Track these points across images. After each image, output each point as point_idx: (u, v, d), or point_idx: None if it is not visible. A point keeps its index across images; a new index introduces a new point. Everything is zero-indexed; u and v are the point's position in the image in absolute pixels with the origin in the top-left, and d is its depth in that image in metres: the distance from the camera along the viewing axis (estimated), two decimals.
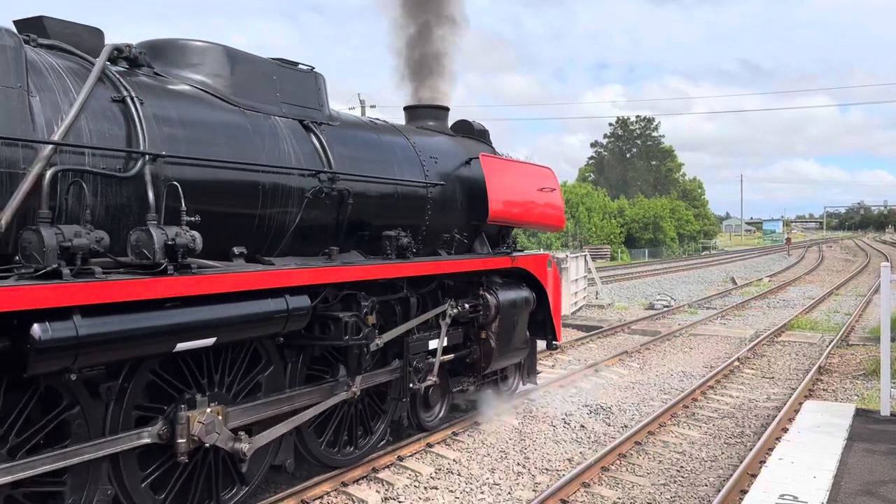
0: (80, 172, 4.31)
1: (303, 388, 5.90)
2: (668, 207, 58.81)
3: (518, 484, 6.72)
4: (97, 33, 5.15)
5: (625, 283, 28.91)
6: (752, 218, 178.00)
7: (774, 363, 12.68)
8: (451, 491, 6.46)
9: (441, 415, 7.97)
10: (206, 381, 5.07)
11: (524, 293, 8.48)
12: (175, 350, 4.55)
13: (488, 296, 7.92)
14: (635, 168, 67.81)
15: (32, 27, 4.78)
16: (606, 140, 71.48)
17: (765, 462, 6.39)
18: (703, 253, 60.07)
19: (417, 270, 6.86)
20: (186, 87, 5.46)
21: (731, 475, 6.63)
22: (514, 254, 8.54)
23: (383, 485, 6.50)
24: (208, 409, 4.88)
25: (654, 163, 64.02)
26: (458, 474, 6.85)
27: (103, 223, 4.39)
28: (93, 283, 3.96)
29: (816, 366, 11.78)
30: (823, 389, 10.61)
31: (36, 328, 3.72)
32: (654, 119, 65.33)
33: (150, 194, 4.60)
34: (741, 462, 7.01)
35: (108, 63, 4.87)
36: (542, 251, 12.53)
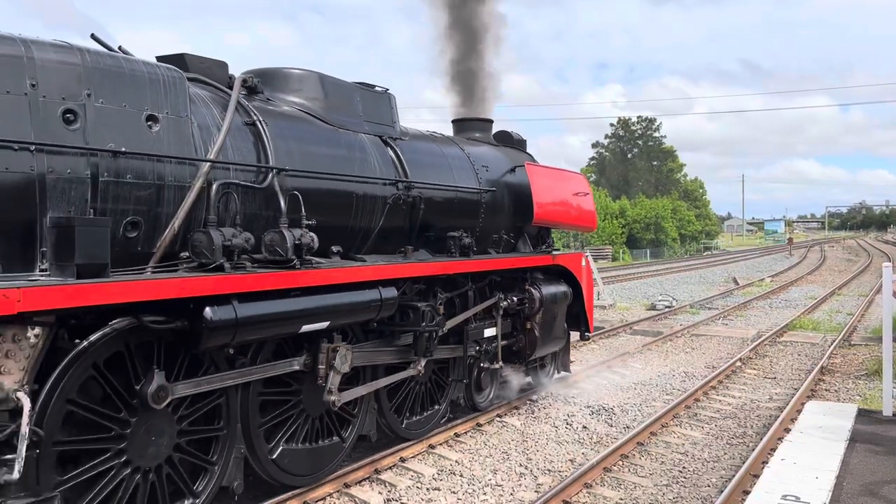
0: (230, 185, 5.23)
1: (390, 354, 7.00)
2: (670, 208, 58.78)
3: (520, 485, 6.73)
4: (223, 66, 6.08)
5: (626, 283, 28.90)
6: (753, 218, 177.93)
7: (776, 363, 12.68)
8: (454, 492, 6.48)
9: (491, 396, 8.87)
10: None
11: (563, 288, 9.44)
12: (300, 331, 5.46)
13: (533, 290, 8.79)
14: (636, 168, 67.79)
15: (176, 62, 5.48)
16: (608, 140, 71.46)
17: (767, 462, 6.39)
18: (705, 253, 60.05)
19: (478, 266, 7.91)
20: (292, 110, 6.34)
21: (734, 476, 6.64)
22: (554, 252, 9.47)
23: (385, 486, 6.52)
24: (342, 346, 6.02)
25: (655, 163, 64.03)
26: (461, 475, 6.86)
27: (241, 226, 5.26)
28: (247, 275, 4.92)
29: (818, 366, 11.77)
30: (826, 390, 10.60)
31: (208, 310, 4.63)
32: (655, 119, 65.28)
33: (282, 202, 5.50)
34: (743, 462, 7.01)
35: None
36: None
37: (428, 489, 6.52)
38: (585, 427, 8.53)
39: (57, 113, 4.26)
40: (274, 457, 5.76)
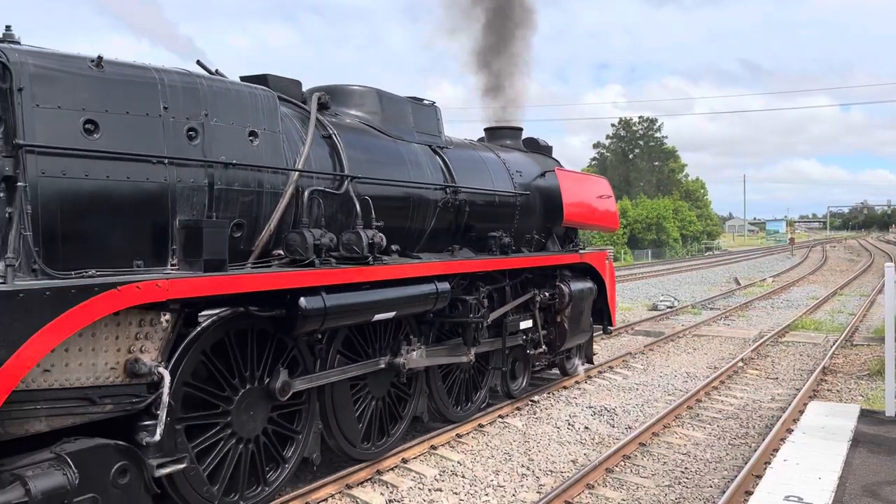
0: (315, 191, 6.00)
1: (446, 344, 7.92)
2: (671, 208, 58.77)
3: (522, 486, 6.73)
4: (298, 84, 6.86)
5: (628, 283, 28.90)
6: (755, 218, 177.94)
7: (778, 364, 12.68)
8: (456, 493, 6.48)
9: (523, 385, 9.63)
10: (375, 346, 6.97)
11: (589, 284, 10.25)
12: (372, 320, 6.29)
13: (562, 286, 9.55)
14: (638, 169, 67.76)
15: (259, 81, 6.22)
16: (609, 141, 71.47)
17: (769, 463, 6.39)
18: (707, 253, 60.03)
19: (518, 264, 8.74)
20: (356, 122, 7.11)
21: (736, 476, 6.65)
22: (581, 251, 10.31)
23: (388, 487, 6.53)
24: (417, 349, 7.11)
25: (656, 163, 63.98)
26: (463, 476, 6.87)
27: (323, 227, 6.04)
28: (333, 270, 5.75)
29: (821, 366, 11.78)
30: (828, 390, 10.60)
31: (302, 300, 5.39)
32: (656, 120, 65.24)
33: (357, 206, 6.29)
34: (746, 463, 7.03)
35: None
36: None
37: (430, 490, 6.53)
38: (587, 428, 8.54)
39: (182, 131, 5.04)
40: (344, 433, 6.54)
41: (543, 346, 9.45)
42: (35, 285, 3.93)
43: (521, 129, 10.83)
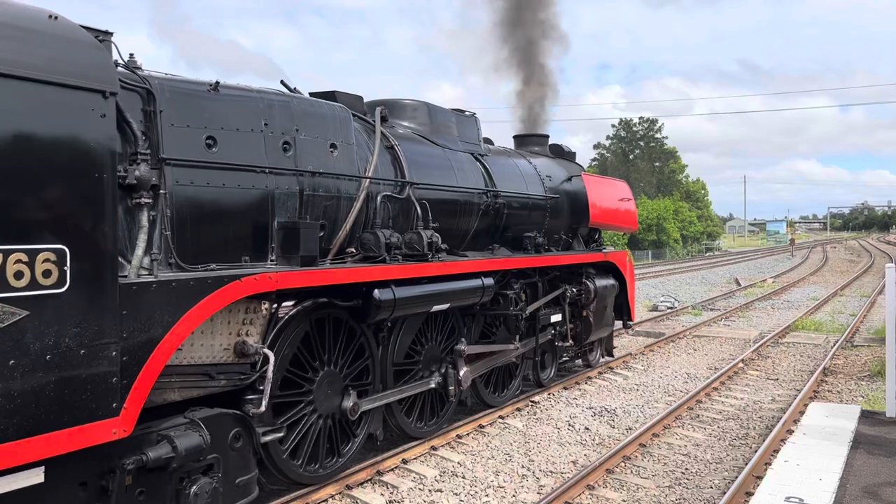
0: (385, 196, 6.90)
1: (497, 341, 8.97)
2: (672, 209, 58.77)
3: (522, 487, 6.74)
4: (360, 99, 7.63)
5: None
6: (755, 219, 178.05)
7: (779, 364, 12.70)
8: (456, 493, 6.49)
9: (551, 374, 10.46)
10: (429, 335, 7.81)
11: (612, 281, 11.05)
12: (431, 310, 7.17)
13: (588, 283, 10.38)
14: (638, 169, 67.75)
15: (328, 97, 6.99)
16: (609, 142, 71.47)
17: (770, 464, 6.39)
18: (707, 254, 60.02)
19: (552, 262, 9.64)
20: (410, 133, 7.96)
21: (737, 477, 6.67)
22: (605, 250, 11.19)
23: (388, 488, 6.54)
24: (463, 369, 7.90)
25: (657, 164, 63.93)
26: (463, 477, 6.88)
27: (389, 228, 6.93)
28: (402, 265, 6.61)
29: (821, 367, 11.83)
30: (828, 391, 10.61)
31: (377, 292, 6.28)
32: (657, 120, 65.19)
33: (418, 209, 7.24)
34: (746, 464, 7.06)
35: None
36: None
37: (430, 491, 6.54)
38: (588, 428, 8.54)
39: (279, 144, 5.86)
40: (403, 414, 7.39)
41: (570, 341, 10.36)
42: (182, 276, 4.75)
43: (547, 137, 11.79)
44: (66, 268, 3.89)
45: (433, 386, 7.62)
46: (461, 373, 7.81)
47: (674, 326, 16.83)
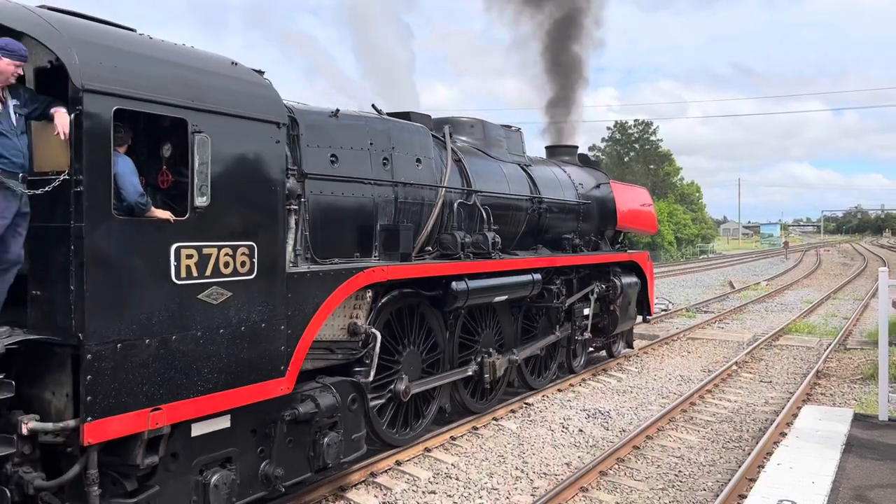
0: (459, 203, 8.29)
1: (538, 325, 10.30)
2: (666, 211, 58.87)
3: (516, 488, 6.76)
4: (428, 117, 8.80)
5: None
6: (749, 222, 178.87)
7: (772, 367, 12.79)
8: (450, 495, 6.50)
9: (581, 363, 11.71)
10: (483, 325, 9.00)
11: (634, 278, 12.32)
12: (493, 301, 8.52)
13: (615, 280, 11.58)
14: (633, 172, 67.89)
15: (403, 116, 8.19)
16: (604, 144, 71.58)
17: (763, 467, 6.44)
18: (701, 257, 60.14)
19: (587, 260, 10.97)
20: (469, 147, 9.19)
21: (730, 480, 6.74)
22: (629, 251, 12.55)
23: (381, 489, 6.55)
24: (498, 358, 8.85)
25: (651, 167, 64.04)
26: (457, 479, 6.90)
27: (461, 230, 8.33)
28: (473, 262, 7.91)
29: (814, 370, 11.93)
30: (821, 394, 10.69)
31: (454, 284, 7.55)
32: (651, 123, 65.30)
33: (483, 213, 8.55)
34: (739, 467, 7.12)
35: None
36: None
37: (424, 492, 6.55)
38: (581, 430, 8.57)
39: (380, 160, 7.12)
40: (464, 389, 8.63)
41: (589, 334, 11.43)
42: (324, 268, 5.99)
43: (576, 147, 13.02)
44: (254, 260, 5.12)
45: (470, 374, 8.49)
46: (512, 356, 9.11)
47: (668, 329, 16.91)
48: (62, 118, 4.16)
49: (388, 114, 8.06)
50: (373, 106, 7.66)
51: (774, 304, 23.32)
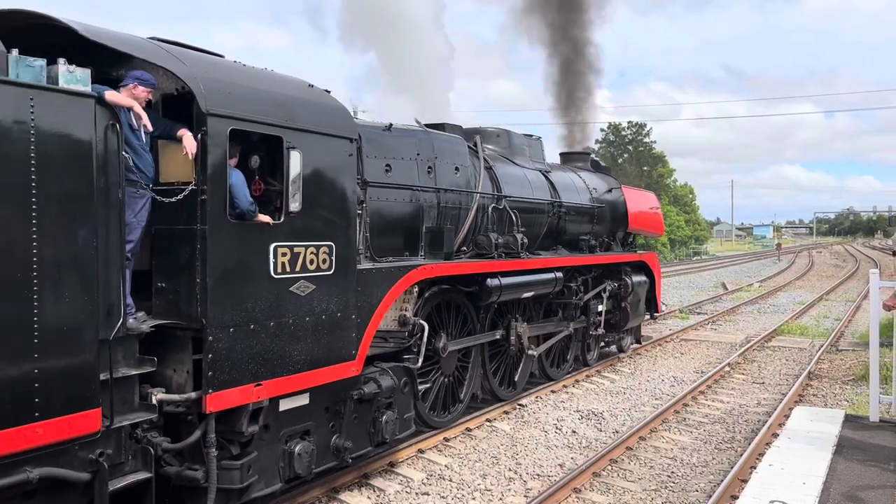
0: (492, 207, 9.19)
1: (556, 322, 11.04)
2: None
3: (510, 490, 6.77)
4: (459, 127, 9.60)
5: None
6: (742, 223, 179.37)
7: (765, 368, 12.87)
8: (443, 497, 6.52)
9: (595, 356, 12.53)
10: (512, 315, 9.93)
11: (644, 277, 13.08)
12: (522, 297, 9.22)
13: (626, 279, 12.37)
14: (627, 173, 68.07)
15: (437, 127, 8.98)
16: (598, 145, 71.72)
17: (755, 468, 6.48)
18: (695, 258, 60.31)
19: (602, 260, 11.89)
20: (496, 155, 9.97)
21: (722, 481, 6.78)
22: (639, 252, 13.44)
23: (374, 491, 6.56)
24: (523, 325, 9.74)
25: (645, 168, 64.18)
26: (450, 480, 6.92)
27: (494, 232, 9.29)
28: (505, 261, 8.75)
29: (806, 371, 12.03)
30: (813, 395, 10.76)
31: (489, 280, 8.39)
32: (645, 125, 65.45)
33: (512, 216, 9.38)
34: (732, 468, 7.17)
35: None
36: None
37: (417, 494, 6.57)
38: (575, 431, 8.59)
39: (425, 169, 7.97)
40: (494, 378, 9.46)
41: (602, 329, 12.28)
42: (385, 265, 6.84)
43: (589, 153, 13.98)
44: (333, 257, 5.93)
45: (497, 337, 9.39)
46: (531, 351, 9.96)
47: (661, 330, 16.95)
48: (189, 139, 4.95)
49: (426, 125, 8.83)
50: (416, 120, 8.56)
51: (767, 306, 23.47)
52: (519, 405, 9.70)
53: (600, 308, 11.92)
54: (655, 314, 14.43)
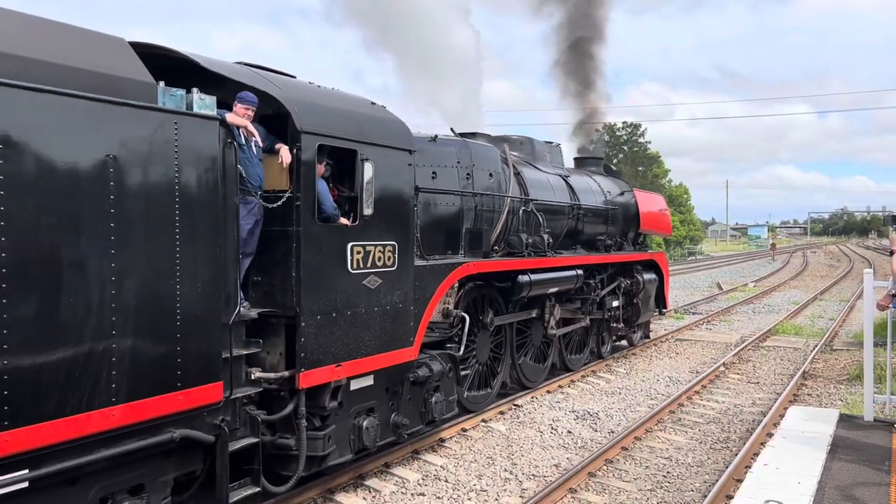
0: (517, 210, 9.82)
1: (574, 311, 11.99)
2: None
3: (505, 490, 6.78)
4: (487, 136, 10.63)
5: None
6: (737, 223, 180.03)
7: (759, 368, 12.93)
8: (439, 497, 6.52)
9: (608, 349, 13.37)
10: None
11: (654, 275, 14.00)
12: (547, 292, 10.04)
13: (638, 276, 13.27)
14: (621, 174, 67.89)
15: (470, 136, 9.77)
16: (592, 146, 71.75)
17: (750, 467, 6.50)
18: (689, 258, 60.43)
19: (617, 259, 12.59)
20: (521, 161, 10.77)
21: (717, 480, 6.82)
22: (649, 250, 14.41)
23: (370, 492, 6.57)
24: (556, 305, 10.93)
25: (640, 168, 64.26)
26: (446, 480, 6.92)
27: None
28: (534, 259, 9.74)
29: (801, 371, 12.10)
30: (808, 394, 10.82)
31: (520, 277, 9.34)
32: (640, 125, 65.55)
33: (539, 218, 10.05)
34: (727, 467, 7.21)
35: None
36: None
37: (413, 494, 6.57)
38: (570, 432, 8.61)
39: (465, 175, 8.83)
40: (520, 364, 10.34)
41: (621, 323, 13.19)
42: (436, 262, 7.70)
43: (601, 158, 15.11)
44: (395, 255, 6.79)
45: (534, 315, 10.42)
46: (552, 331, 10.80)
47: (656, 330, 16.97)
48: (285, 153, 5.77)
49: (459, 133, 9.79)
50: (451, 129, 9.54)
51: (762, 306, 23.62)
52: (515, 405, 9.74)
53: (615, 303, 12.81)
54: (664, 310, 15.24)
